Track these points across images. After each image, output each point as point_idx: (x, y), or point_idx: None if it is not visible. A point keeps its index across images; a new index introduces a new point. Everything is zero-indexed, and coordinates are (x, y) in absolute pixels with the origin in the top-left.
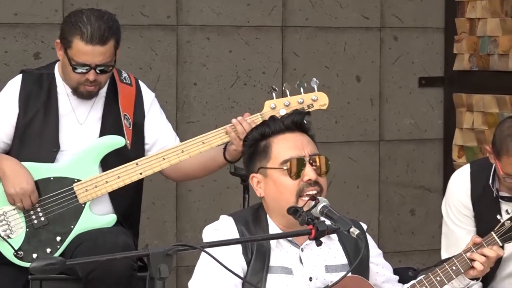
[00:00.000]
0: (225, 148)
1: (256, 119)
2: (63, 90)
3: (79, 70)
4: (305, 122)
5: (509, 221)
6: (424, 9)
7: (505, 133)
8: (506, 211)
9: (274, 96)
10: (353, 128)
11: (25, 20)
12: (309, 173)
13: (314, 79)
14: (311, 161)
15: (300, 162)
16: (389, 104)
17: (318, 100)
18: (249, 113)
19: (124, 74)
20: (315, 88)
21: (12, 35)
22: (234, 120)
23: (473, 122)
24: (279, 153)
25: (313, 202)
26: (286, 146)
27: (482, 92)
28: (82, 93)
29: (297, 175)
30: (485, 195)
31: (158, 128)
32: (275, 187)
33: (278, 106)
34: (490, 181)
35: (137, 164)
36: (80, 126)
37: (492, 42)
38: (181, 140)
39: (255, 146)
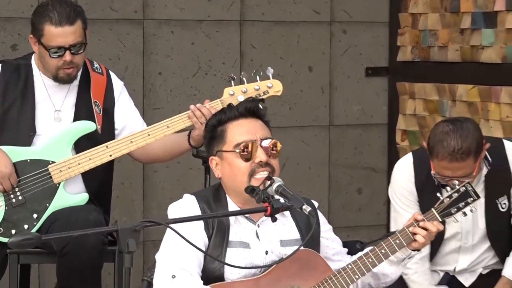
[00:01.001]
0: (189, 135)
1: (216, 105)
2: (39, 79)
3: (55, 54)
4: (260, 107)
5: (448, 199)
6: (370, 5)
7: (437, 137)
8: (446, 190)
9: (233, 84)
10: (305, 114)
11: (3, 15)
12: (260, 155)
13: (269, 68)
14: (261, 143)
15: (252, 145)
16: (338, 92)
17: (273, 87)
18: (210, 100)
19: (96, 64)
20: (270, 76)
21: None
22: (192, 106)
23: (415, 109)
24: (233, 137)
25: (269, 182)
26: (239, 131)
27: (423, 81)
28: (63, 78)
29: (249, 157)
30: (428, 182)
31: (127, 114)
32: (230, 169)
33: (236, 93)
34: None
35: (107, 147)
36: (55, 112)
37: (433, 35)
38: (148, 125)
39: (213, 131)
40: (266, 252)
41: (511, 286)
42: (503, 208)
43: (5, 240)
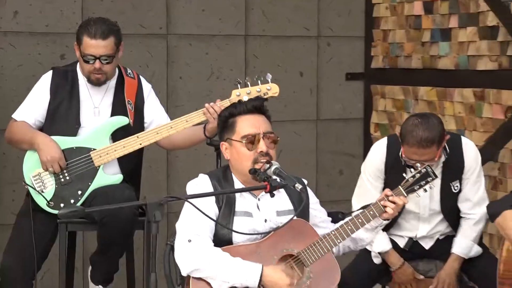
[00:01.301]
0: (204, 128)
1: (225, 103)
2: (82, 82)
3: (87, 60)
4: (264, 106)
5: (412, 178)
6: (349, 23)
7: (408, 128)
8: (410, 171)
9: (239, 86)
10: (297, 111)
11: (54, 30)
12: (262, 146)
13: (269, 74)
14: (264, 137)
15: (256, 138)
16: (324, 93)
17: (271, 89)
18: (220, 99)
19: (129, 71)
20: (269, 81)
21: (44, 41)
22: (207, 104)
23: (385, 106)
24: (241, 129)
25: (268, 165)
26: (246, 124)
27: (392, 84)
28: (93, 81)
29: (253, 147)
30: (396, 163)
31: (154, 110)
32: (237, 155)
33: (241, 94)
34: (400, 153)
35: (137, 137)
36: (95, 108)
37: (399, 47)
38: (171, 120)
39: (225, 121)
40: (265, 220)
41: (460, 261)
42: (455, 190)
43: (55, 212)
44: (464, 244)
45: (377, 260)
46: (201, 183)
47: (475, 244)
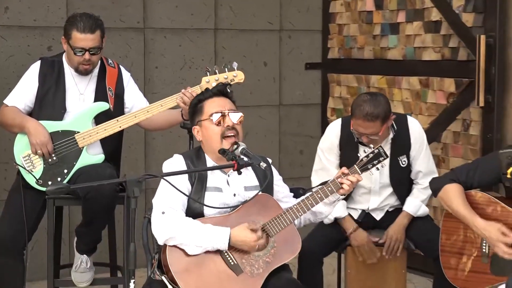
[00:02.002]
0: (182, 111)
1: (196, 89)
2: (68, 71)
3: (78, 53)
4: (227, 90)
5: (365, 158)
6: (308, 18)
7: (357, 103)
8: (364, 151)
9: (208, 74)
10: (262, 97)
11: (42, 24)
12: (228, 121)
13: (235, 62)
14: (228, 113)
15: (222, 114)
16: (286, 81)
17: (237, 76)
18: (190, 86)
19: (110, 61)
20: (235, 69)
21: (32, 34)
22: (183, 90)
23: (341, 93)
24: (209, 110)
25: (236, 146)
26: (213, 105)
27: (346, 73)
28: (81, 71)
29: (220, 122)
30: (349, 141)
31: (134, 96)
32: (207, 133)
33: (211, 81)
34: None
35: (117, 120)
36: (80, 95)
37: (353, 40)
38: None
39: (195, 107)
40: (234, 195)
41: (409, 218)
42: (403, 164)
43: (44, 189)
44: (414, 204)
45: (327, 221)
46: (175, 162)
47: (423, 204)
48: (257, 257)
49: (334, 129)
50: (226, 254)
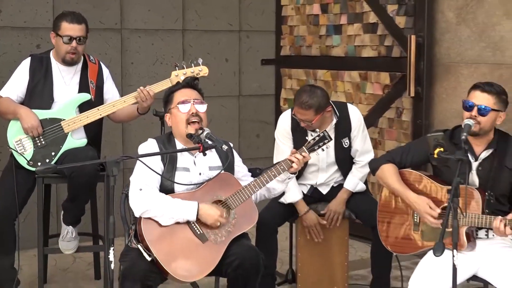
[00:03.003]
0: (138, 107)
1: (166, 82)
2: (55, 66)
3: (66, 40)
4: (194, 82)
5: (313, 140)
6: (263, 20)
7: (298, 92)
8: (311, 134)
9: (177, 69)
10: (223, 88)
11: (31, 25)
12: (192, 108)
13: (200, 59)
14: (193, 102)
15: (187, 102)
16: (244, 75)
17: (202, 70)
18: (162, 79)
19: (91, 57)
20: (200, 64)
21: (23, 34)
22: (139, 89)
23: (292, 85)
24: (177, 99)
25: (201, 131)
26: (181, 95)
27: (296, 67)
28: (68, 60)
29: (188, 114)
30: (298, 126)
31: (111, 89)
32: (175, 119)
33: (179, 74)
34: None
35: (98, 109)
36: (66, 86)
37: (302, 39)
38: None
39: (166, 97)
40: (200, 174)
41: (348, 193)
42: (345, 145)
43: (33, 169)
44: (352, 181)
45: (284, 200)
46: (149, 145)
47: (360, 182)
48: (220, 227)
49: (285, 118)
50: (193, 225)
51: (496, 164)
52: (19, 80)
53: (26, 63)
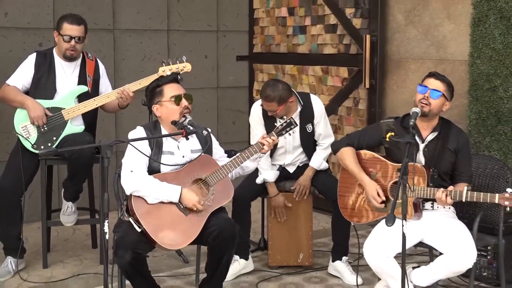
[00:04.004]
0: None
1: (153, 77)
2: (57, 61)
3: (66, 39)
4: (179, 78)
5: (281, 125)
6: (238, 22)
7: (263, 86)
8: (279, 121)
9: (164, 65)
10: (204, 81)
11: (34, 26)
12: (185, 102)
13: (184, 56)
14: (185, 96)
15: (180, 96)
16: (222, 70)
17: (186, 67)
18: (149, 75)
19: (89, 54)
20: (184, 61)
21: (27, 34)
22: (120, 88)
23: (263, 78)
24: (169, 93)
25: (184, 118)
26: (172, 89)
27: (267, 63)
28: (68, 56)
29: (179, 103)
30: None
31: (105, 83)
32: (167, 111)
33: (165, 70)
34: None
35: (94, 99)
36: (67, 79)
37: (272, 38)
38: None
39: (153, 90)
40: (183, 156)
41: (313, 171)
42: (309, 130)
43: (37, 152)
44: (317, 160)
45: (258, 180)
46: (137, 132)
47: (324, 161)
48: (201, 202)
49: (256, 107)
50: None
51: (439, 146)
52: (25, 72)
53: (32, 58)
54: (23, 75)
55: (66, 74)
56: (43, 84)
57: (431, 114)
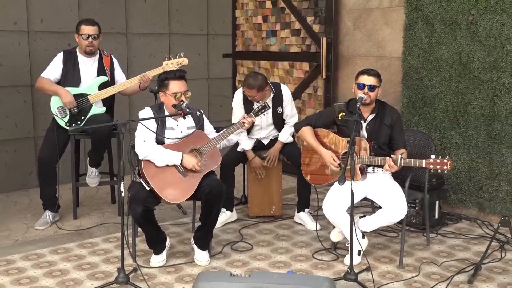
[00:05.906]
0: (140, 84)
1: (159, 69)
2: (80, 57)
3: (85, 37)
4: (184, 74)
5: (258, 108)
6: (224, 27)
7: (246, 76)
8: (256, 104)
9: (167, 60)
10: (198, 73)
11: (63, 30)
12: (182, 98)
13: (182, 53)
14: (184, 93)
15: (179, 93)
16: (211, 64)
17: (184, 61)
18: (154, 68)
19: (105, 52)
20: (182, 57)
21: (58, 36)
22: (142, 74)
23: (243, 71)
24: (172, 89)
25: (182, 102)
26: (175, 87)
27: (247, 59)
28: (88, 52)
29: (178, 99)
30: (248, 100)
31: (119, 74)
32: (168, 100)
33: (168, 64)
34: None
35: (113, 88)
36: (88, 71)
37: (250, 40)
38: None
39: (163, 81)
40: (181, 132)
41: (281, 143)
42: (279, 112)
43: (68, 128)
44: (284, 136)
45: (239, 148)
46: (146, 111)
47: (289, 136)
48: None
49: (238, 94)
50: (178, 166)
51: (378, 123)
52: (56, 67)
53: (60, 56)
54: (54, 69)
55: (87, 67)
56: (70, 76)
57: (371, 102)
